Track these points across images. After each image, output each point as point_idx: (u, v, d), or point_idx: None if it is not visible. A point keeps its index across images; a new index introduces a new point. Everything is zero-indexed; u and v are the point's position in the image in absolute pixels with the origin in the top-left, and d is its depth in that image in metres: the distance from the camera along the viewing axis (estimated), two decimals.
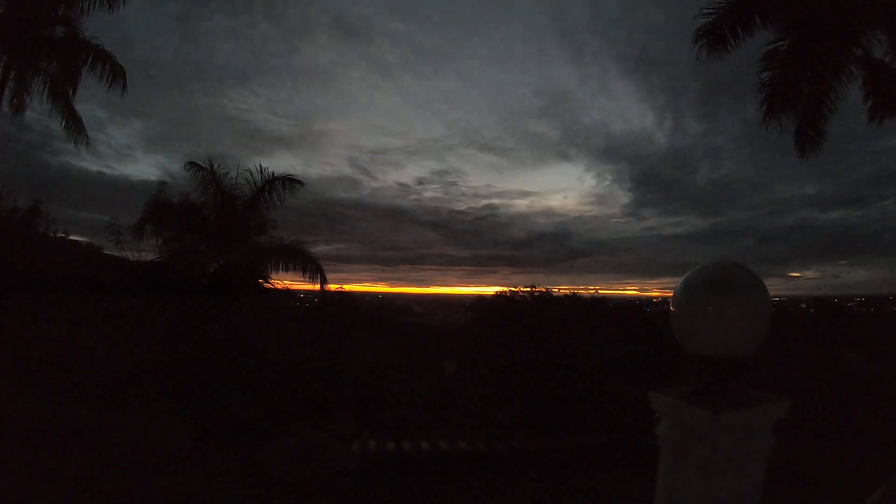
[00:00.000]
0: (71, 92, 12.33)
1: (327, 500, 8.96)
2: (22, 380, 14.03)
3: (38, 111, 12.70)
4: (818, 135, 9.90)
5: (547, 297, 20.25)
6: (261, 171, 13.71)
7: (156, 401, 10.54)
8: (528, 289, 20.96)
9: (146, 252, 18.34)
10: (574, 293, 22.54)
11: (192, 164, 13.33)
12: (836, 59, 9.04)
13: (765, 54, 9.17)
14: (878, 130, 9.45)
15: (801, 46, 8.46)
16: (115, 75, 12.28)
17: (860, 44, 8.97)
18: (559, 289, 20.23)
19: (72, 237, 21.09)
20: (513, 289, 19.28)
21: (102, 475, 7.56)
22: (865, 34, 8.84)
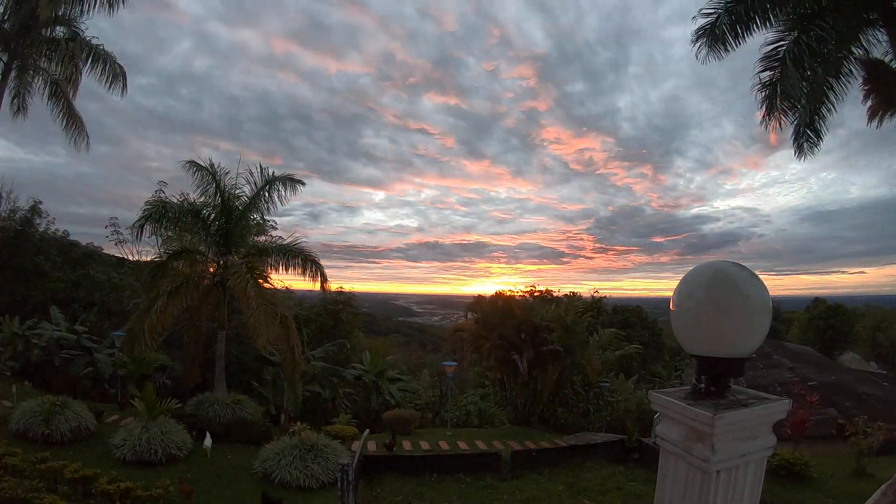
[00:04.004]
0: (71, 92, 12.33)
1: (327, 499, 8.95)
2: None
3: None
4: (816, 135, 9.91)
5: (547, 297, 20.26)
6: (261, 170, 13.71)
7: (156, 400, 10.52)
8: (529, 288, 20.98)
9: (146, 252, 18.43)
10: (574, 293, 22.54)
11: (192, 164, 13.30)
12: (837, 60, 9.03)
13: (765, 54, 9.15)
14: None
15: (802, 47, 8.42)
16: (115, 75, 12.30)
17: (860, 43, 8.98)
18: (559, 289, 20.23)
19: (72, 237, 21.19)
20: (512, 289, 19.33)
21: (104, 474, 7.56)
22: (865, 33, 8.84)
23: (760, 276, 1.62)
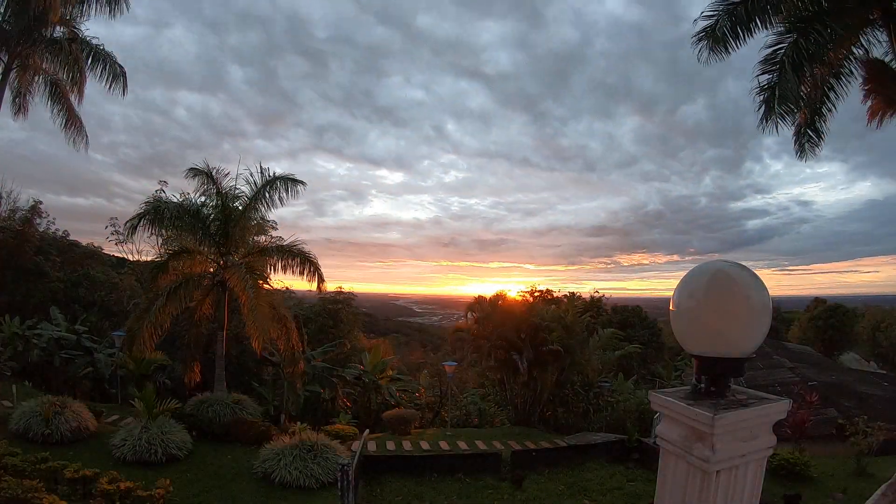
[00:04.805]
0: (78, 97, 12.33)
1: (327, 500, 8.95)
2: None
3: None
4: (817, 135, 9.91)
5: (547, 297, 20.27)
6: (261, 171, 13.72)
7: (156, 400, 10.53)
8: (530, 288, 21.00)
9: (146, 252, 18.45)
10: (573, 293, 22.56)
11: (193, 170, 13.34)
12: (837, 61, 9.03)
13: (764, 58, 9.15)
14: None
15: (800, 51, 8.40)
16: (115, 75, 12.30)
17: (860, 43, 8.97)
18: (560, 289, 20.24)
19: (72, 237, 21.21)
20: (513, 288, 19.35)
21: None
22: (865, 33, 8.84)
23: (761, 276, 1.62)
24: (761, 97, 9.17)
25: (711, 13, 9.09)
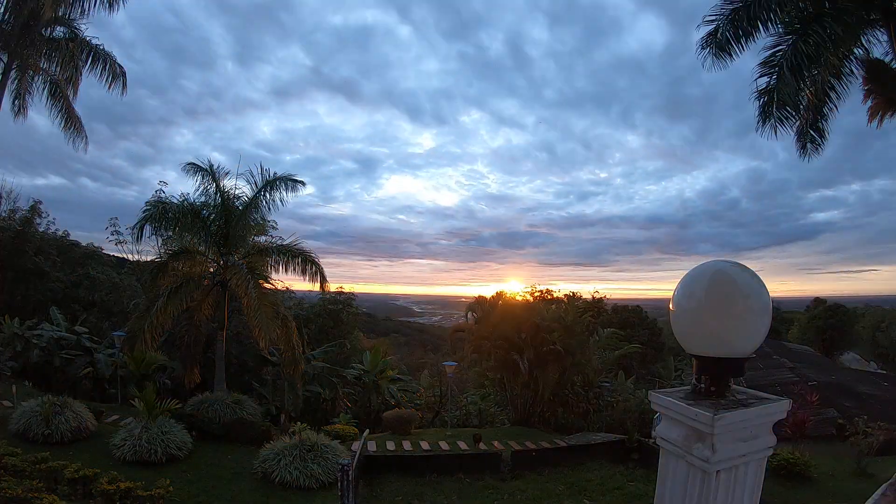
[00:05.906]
0: (71, 94, 12.32)
1: (327, 500, 8.95)
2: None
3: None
4: (819, 135, 9.92)
5: (547, 297, 20.27)
6: (261, 171, 13.71)
7: (156, 400, 10.52)
8: (530, 288, 21.00)
9: (146, 252, 18.47)
10: (573, 293, 22.58)
11: (192, 165, 13.32)
12: (837, 61, 9.03)
13: (763, 60, 9.14)
14: None
15: (800, 53, 8.38)
16: (115, 75, 12.30)
17: (860, 43, 8.98)
18: (559, 289, 20.24)
19: (72, 237, 21.21)
20: (514, 289, 19.35)
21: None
22: (865, 33, 8.84)
23: (760, 276, 1.62)
24: (760, 101, 9.16)
25: (712, 17, 9.08)
